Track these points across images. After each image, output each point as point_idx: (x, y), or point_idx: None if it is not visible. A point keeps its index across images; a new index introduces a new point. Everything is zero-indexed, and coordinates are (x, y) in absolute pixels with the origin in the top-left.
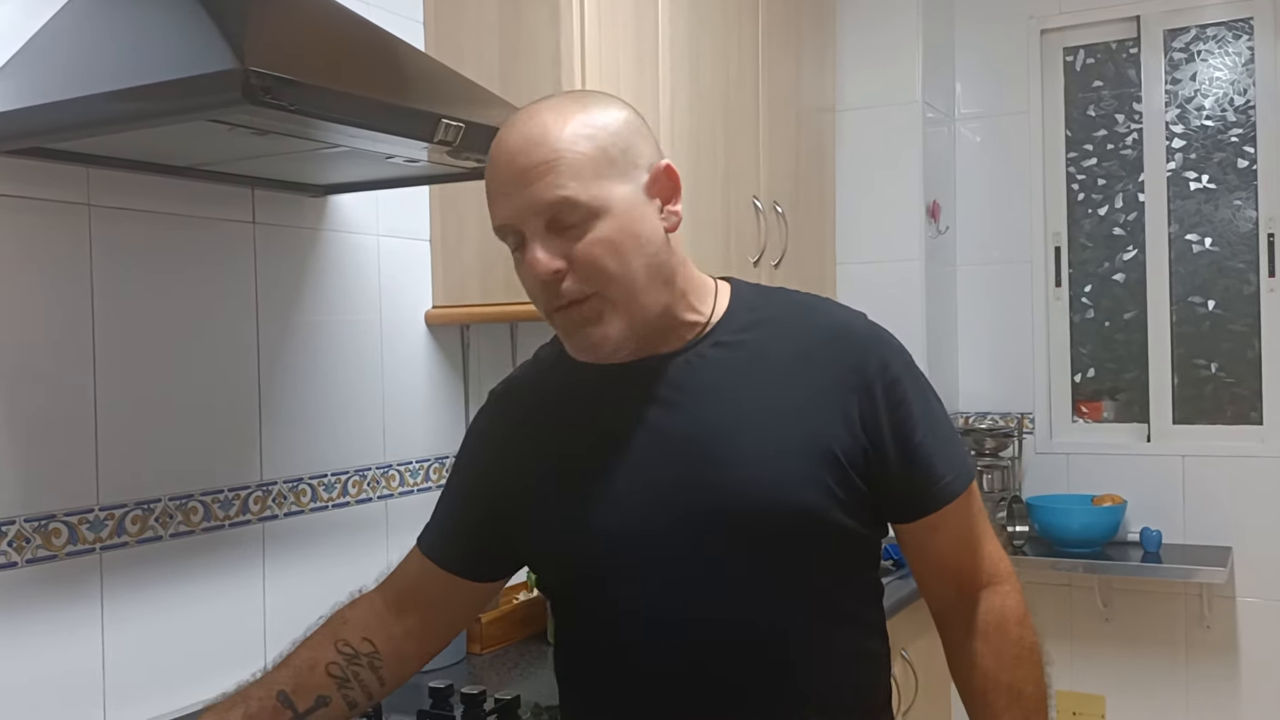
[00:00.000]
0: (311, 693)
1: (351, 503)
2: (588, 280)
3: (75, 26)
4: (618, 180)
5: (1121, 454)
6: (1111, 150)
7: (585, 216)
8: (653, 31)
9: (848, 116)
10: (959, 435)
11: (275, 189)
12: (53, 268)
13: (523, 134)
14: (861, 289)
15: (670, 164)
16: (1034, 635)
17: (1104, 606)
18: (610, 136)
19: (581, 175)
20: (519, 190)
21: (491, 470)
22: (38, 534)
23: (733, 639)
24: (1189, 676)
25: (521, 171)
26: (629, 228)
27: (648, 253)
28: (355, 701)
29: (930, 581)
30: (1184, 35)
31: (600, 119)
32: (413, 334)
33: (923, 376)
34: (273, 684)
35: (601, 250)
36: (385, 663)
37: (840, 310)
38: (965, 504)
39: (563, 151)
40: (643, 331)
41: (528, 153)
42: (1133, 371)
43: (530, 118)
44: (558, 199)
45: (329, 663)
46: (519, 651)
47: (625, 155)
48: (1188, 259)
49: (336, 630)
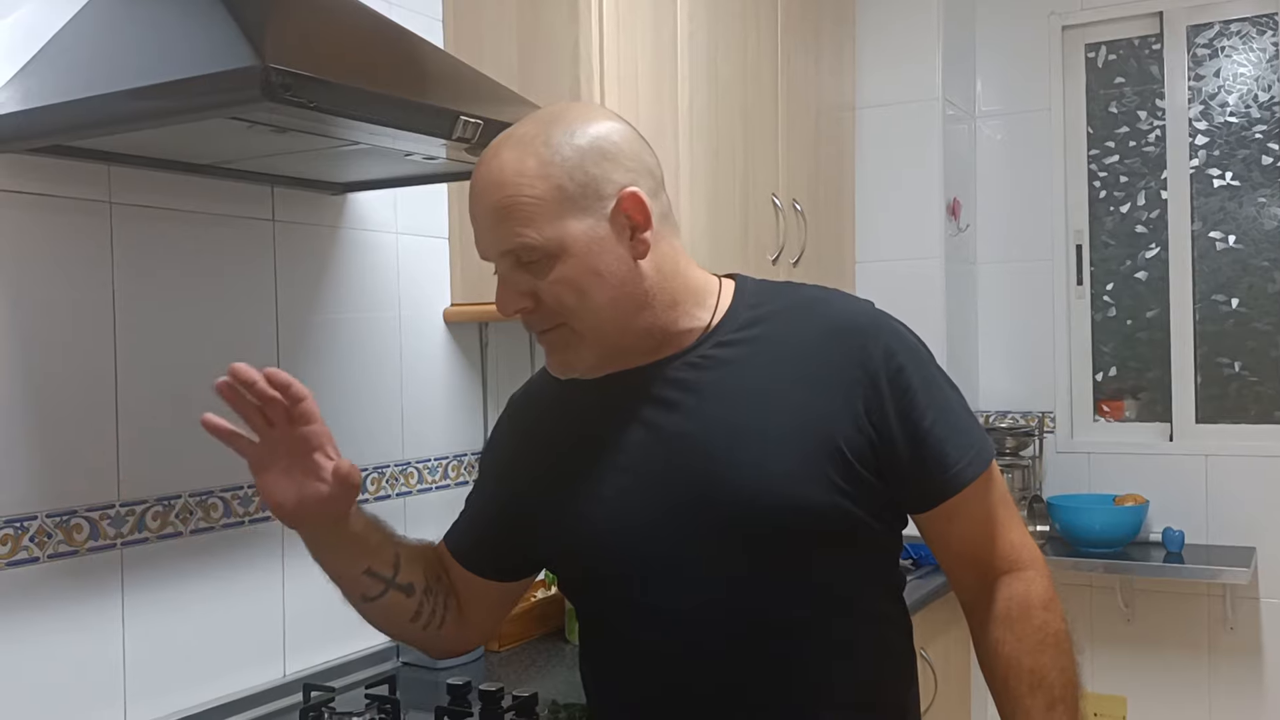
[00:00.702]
0: (410, 574)
1: (370, 500)
2: (552, 316)
3: (96, 25)
4: (576, 216)
5: (1144, 453)
6: (1134, 147)
7: (544, 256)
8: (671, 28)
9: (867, 114)
10: (976, 422)
11: (295, 187)
12: (74, 265)
13: (485, 173)
14: (881, 287)
15: (636, 191)
16: (1061, 621)
17: (1125, 607)
18: (570, 170)
19: (536, 219)
20: (486, 231)
21: (507, 473)
22: (59, 529)
23: (745, 635)
24: (1212, 678)
25: (485, 213)
26: (589, 264)
27: (610, 285)
28: (422, 612)
29: (954, 570)
30: (1207, 31)
31: (563, 150)
32: (431, 332)
33: (932, 362)
34: (396, 545)
35: (562, 289)
36: (451, 609)
37: (845, 301)
38: (982, 490)
39: (518, 196)
40: (618, 354)
41: (489, 194)
42: (1155, 370)
43: (494, 155)
44: (516, 245)
45: (428, 568)
46: (536, 649)
47: (585, 188)
48: (1211, 257)
49: (431, 551)
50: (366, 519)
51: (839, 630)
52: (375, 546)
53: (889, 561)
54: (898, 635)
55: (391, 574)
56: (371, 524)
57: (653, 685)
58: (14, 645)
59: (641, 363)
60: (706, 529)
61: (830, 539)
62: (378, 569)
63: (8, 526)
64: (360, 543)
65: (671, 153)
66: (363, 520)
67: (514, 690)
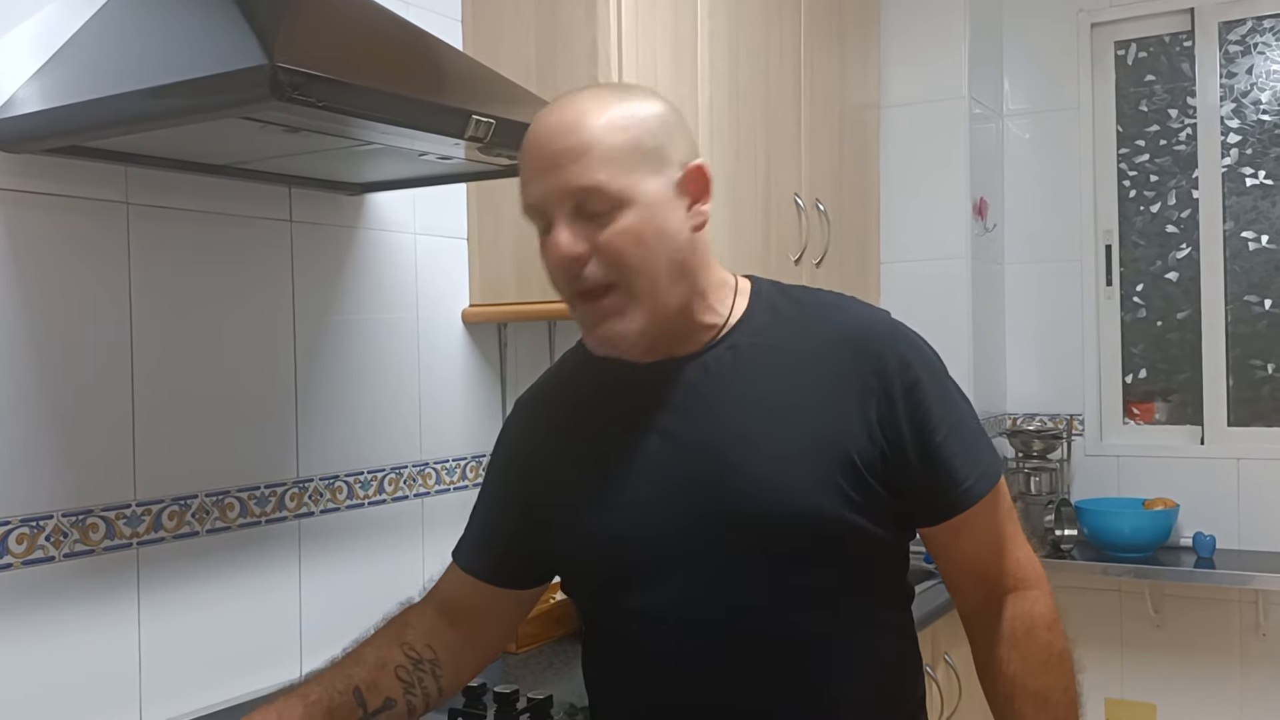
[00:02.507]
0: (381, 693)
1: (388, 500)
2: (609, 268)
3: (111, 25)
4: (648, 174)
5: (1174, 456)
6: (1164, 146)
7: (612, 205)
8: (691, 26)
9: (892, 113)
10: (986, 437)
11: (312, 187)
12: (91, 265)
13: (559, 119)
14: (906, 288)
15: (703, 164)
16: (1064, 641)
17: (1155, 613)
18: (645, 130)
19: (612, 165)
20: (549, 173)
21: (517, 479)
22: (75, 529)
23: (751, 644)
24: (1243, 686)
25: (554, 155)
26: (654, 221)
27: (671, 248)
28: (415, 708)
29: (958, 586)
30: (1240, 27)
31: (638, 112)
32: (449, 332)
33: (947, 376)
34: (349, 678)
35: (626, 241)
36: (444, 671)
37: (861, 310)
38: (990, 507)
39: (596, 139)
40: (661, 328)
41: (562, 137)
42: (1186, 372)
43: (568, 104)
44: (587, 185)
45: (397, 665)
46: (554, 650)
47: (658, 150)
48: (1243, 256)
49: (401, 633)
50: (302, 710)
51: (847, 641)
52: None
53: (897, 573)
54: (906, 646)
55: (362, 714)
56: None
57: (658, 694)
58: (30, 644)
59: (662, 357)
60: (718, 539)
61: (839, 550)
62: None
63: (24, 526)
64: None
65: None
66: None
67: (529, 692)
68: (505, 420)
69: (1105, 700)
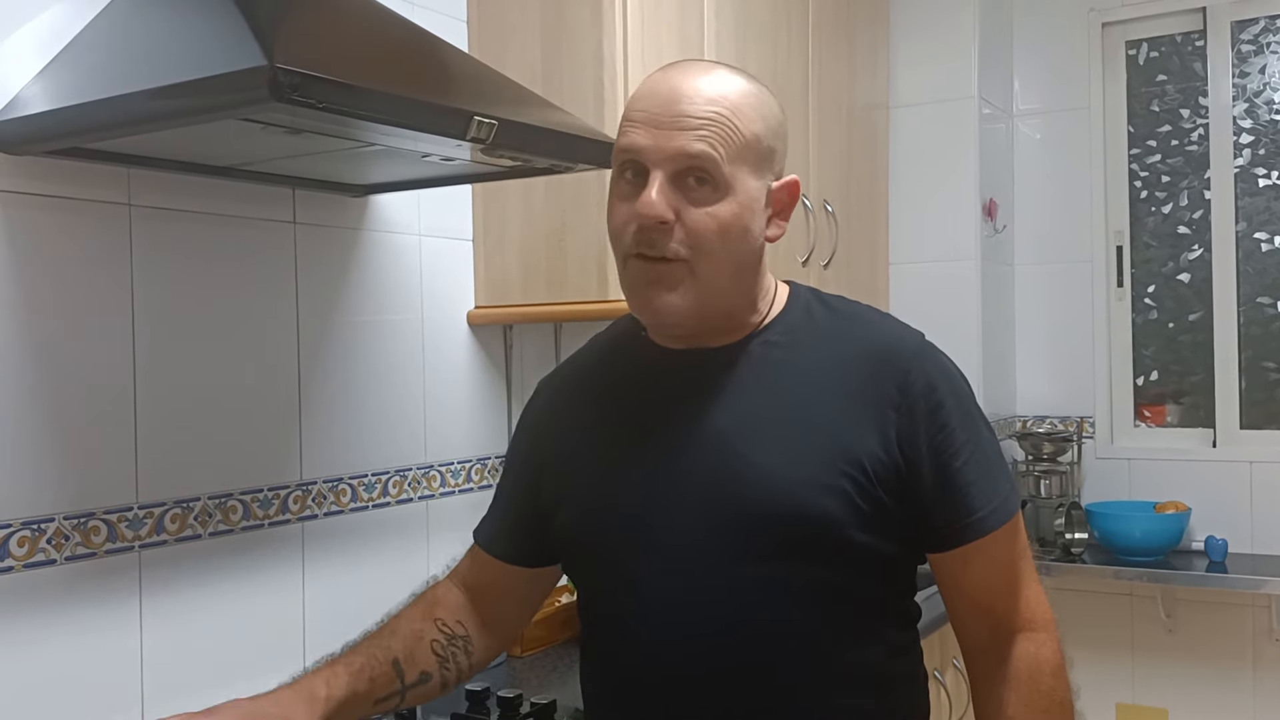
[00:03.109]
0: (418, 667)
1: (392, 503)
2: (687, 247)
3: (113, 27)
4: (754, 172)
5: (1186, 459)
6: (1176, 146)
7: (715, 187)
8: (698, 27)
9: (901, 113)
10: (1007, 471)
11: (316, 189)
12: (93, 267)
13: (702, 81)
14: (915, 289)
15: (797, 180)
16: (1067, 690)
17: (1167, 617)
18: (769, 128)
19: (732, 148)
20: (672, 130)
21: (536, 457)
22: (77, 531)
23: (742, 639)
24: (1256, 691)
25: (683, 114)
26: (743, 218)
27: (745, 249)
28: (448, 682)
29: (962, 619)
30: (1252, 26)
31: (770, 108)
32: (455, 334)
33: (974, 404)
34: (388, 649)
35: (714, 225)
36: (474, 648)
37: (895, 326)
38: (1003, 542)
39: (729, 118)
40: (704, 317)
41: (698, 100)
42: (1198, 374)
43: (712, 70)
44: (703, 154)
45: (432, 639)
46: (559, 654)
47: (770, 153)
48: (1256, 258)
49: (432, 609)
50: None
51: (842, 649)
52: (368, 687)
53: (903, 592)
54: (908, 662)
55: (399, 685)
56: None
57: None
58: (32, 647)
59: (696, 344)
60: (720, 527)
61: (839, 555)
62: (383, 694)
63: (25, 528)
64: (353, 702)
65: None
66: (344, 679)
67: (533, 697)
68: (528, 400)
69: (1116, 705)
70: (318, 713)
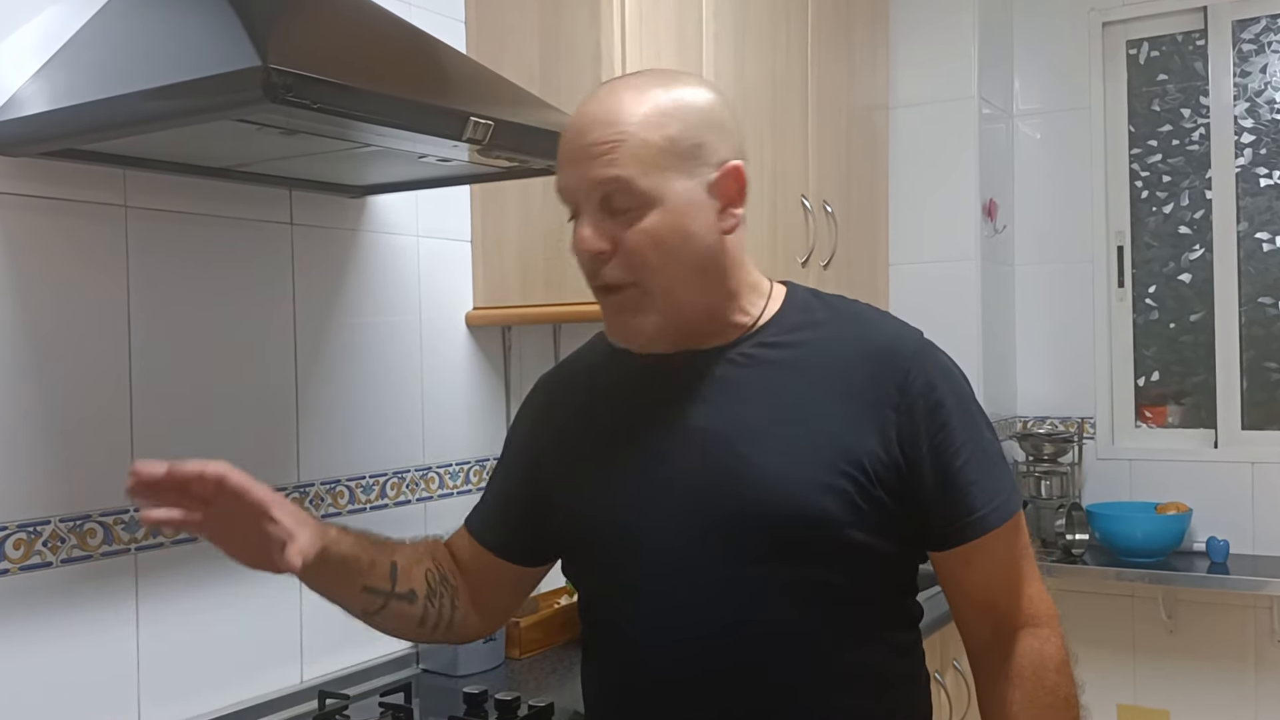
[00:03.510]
0: (409, 582)
1: (390, 505)
2: (628, 269)
3: (108, 28)
4: (680, 174)
5: (1187, 460)
6: (1177, 146)
7: (638, 204)
8: (696, 27)
9: (901, 113)
10: (1008, 470)
11: (313, 190)
12: (89, 269)
13: (599, 108)
14: (915, 289)
15: (740, 165)
16: (1072, 686)
17: (1168, 618)
18: (684, 127)
19: (643, 162)
20: (581, 163)
21: (531, 451)
22: (73, 534)
23: (740, 640)
24: (1258, 692)
25: (588, 145)
26: (680, 224)
27: (694, 251)
28: (428, 618)
29: (965, 618)
30: (1253, 26)
31: (681, 106)
32: (453, 335)
33: (974, 402)
34: (390, 552)
35: (647, 241)
36: (460, 605)
37: (894, 325)
38: (1005, 540)
39: (631, 134)
40: (680, 327)
41: (598, 128)
42: (1199, 375)
43: (611, 93)
44: (613, 178)
45: (427, 570)
46: (557, 657)
47: (696, 149)
48: (1258, 258)
49: (435, 550)
50: (353, 538)
51: (849, 655)
52: (367, 564)
53: (904, 592)
54: (912, 665)
55: (389, 586)
56: (360, 542)
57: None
58: (27, 650)
59: (689, 347)
60: (720, 530)
61: (839, 555)
62: (374, 584)
63: (21, 531)
64: (348, 565)
65: None
66: (349, 540)
67: (531, 700)
68: (526, 396)
69: (1118, 706)
70: (323, 541)
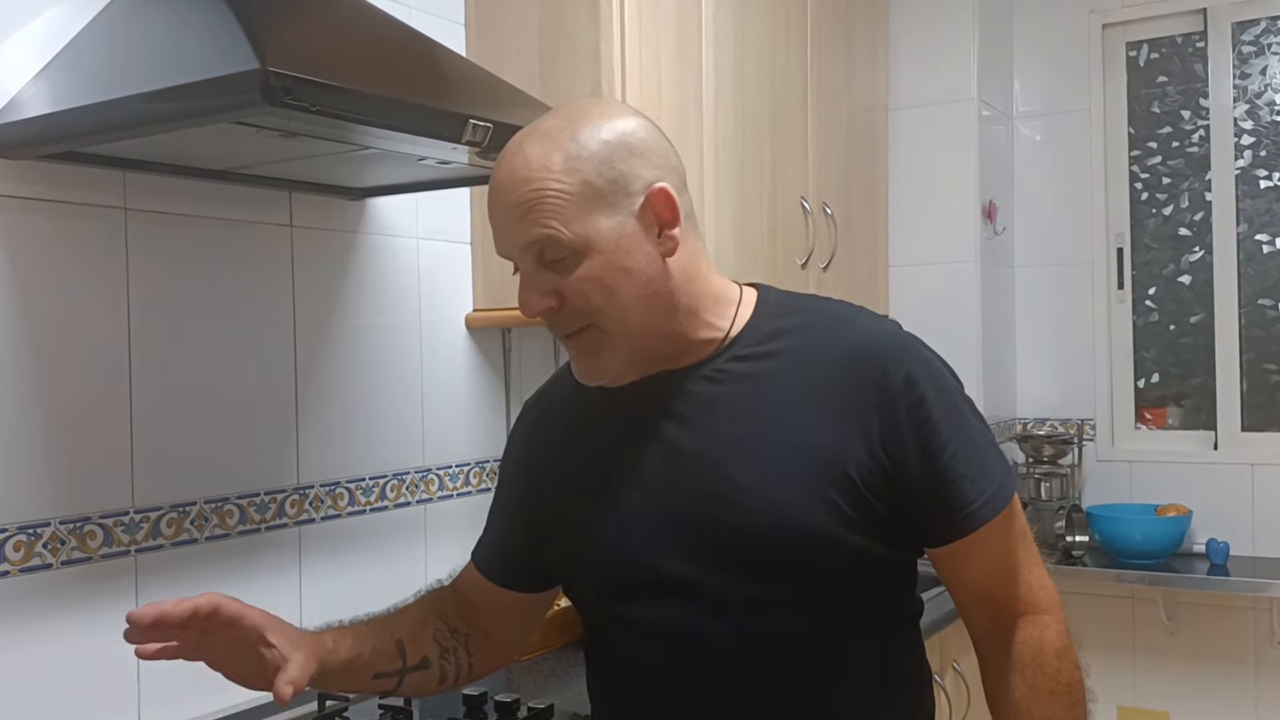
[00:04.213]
0: (420, 651)
1: (389, 507)
2: (578, 316)
3: (107, 31)
4: (604, 213)
5: (1187, 462)
6: (1177, 148)
7: (570, 253)
8: (696, 29)
9: (901, 115)
10: (1000, 457)
11: (312, 192)
12: (89, 271)
13: (509, 170)
14: (915, 291)
15: (665, 187)
16: (1075, 670)
17: (1168, 620)
18: (596, 165)
19: (564, 213)
20: (508, 226)
21: (524, 486)
22: (73, 536)
23: (746, 660)
24: (1258, 694)
25: (507, 208)
26: (617, 262)
27: (639, 283)
28: (446, 675)
29: (966, 609)
30: (1253, 28)
31: (588, 145)
32: (453, 337)
33: (957, 390)
34: (394, 629)
35: (589, 287)
36: (475, 648)
37: (870, 322)
38: (1000, 530)
39: (544, 190)
40: (645, 357)
41: (512, 189)
42: (1199, 377)
43: (517, 149)
44: (540, 238)
45: (435, 629)
46: (557, 658)
47: (614, 184)
48: (1258, 260)
49: (438, 604)
50: (352, 636)
51: (850, 657)
52: (371, 656)
53: (903, 590)
54: (913, 662)
55: (400, 665)
56: (360, 635)
57: (656, 706)
58: (27, 651)
59: (662, 369)
60: (707, 548)
61: (836, 566)
62: (384, 669)
63: (21, 533)
64: (352, 665)
65: (696, 156)
66: (348, 642)
67: (530, 702)
68: (514, 422)
69: (1118, 708)
70: (318, 658)
